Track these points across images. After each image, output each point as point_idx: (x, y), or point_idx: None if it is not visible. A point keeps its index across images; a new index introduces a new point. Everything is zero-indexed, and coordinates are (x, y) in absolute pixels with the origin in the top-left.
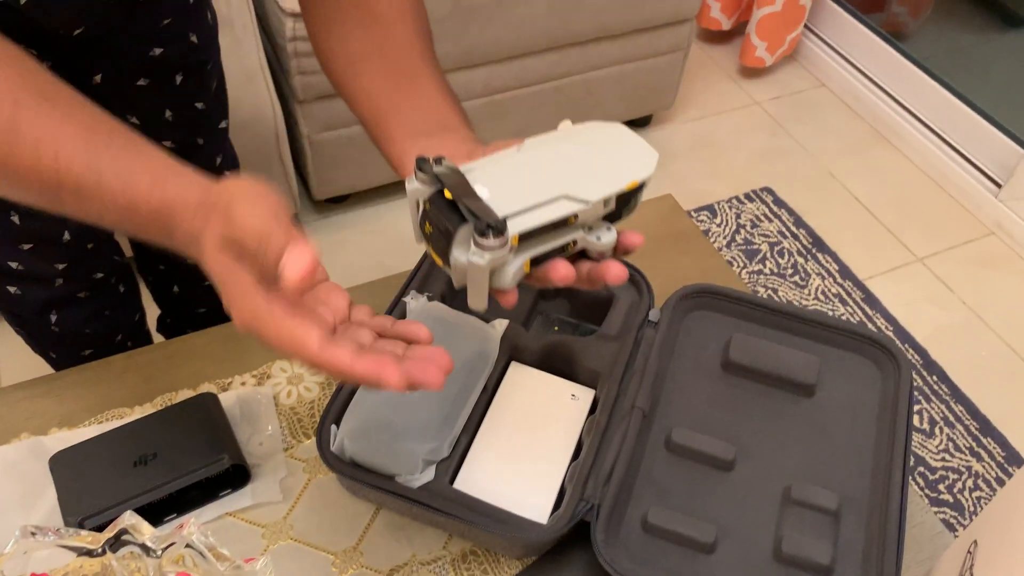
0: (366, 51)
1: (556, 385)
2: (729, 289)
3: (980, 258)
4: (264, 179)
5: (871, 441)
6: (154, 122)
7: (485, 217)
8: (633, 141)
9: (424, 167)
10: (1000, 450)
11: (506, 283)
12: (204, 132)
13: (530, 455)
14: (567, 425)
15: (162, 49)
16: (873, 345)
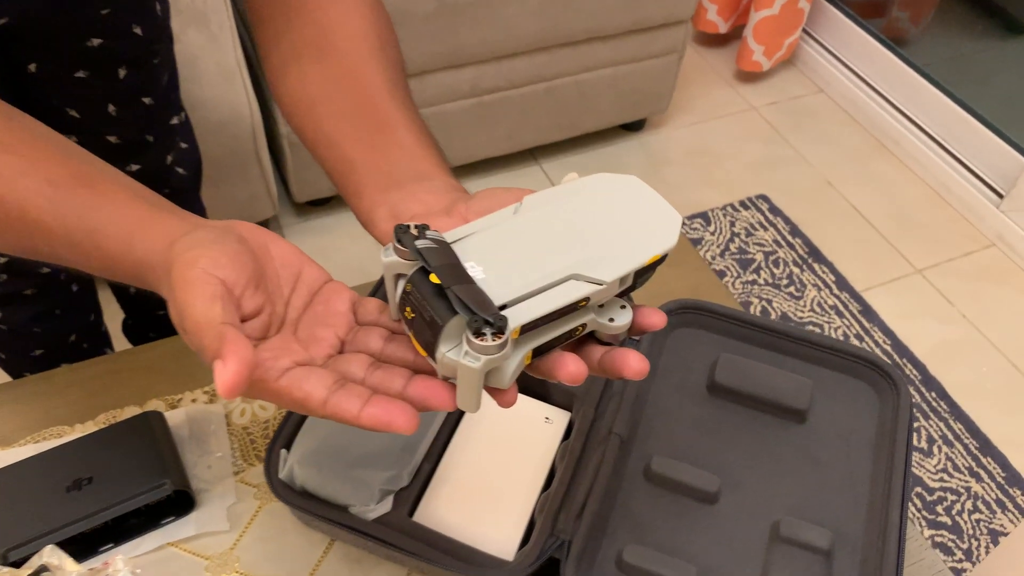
0: (326, 92)
1: (529, 407)
2: (717, 305)
3: (981, 271)
4: (241, 180)
5: (867, 472)
6: (96, 116)
7: (481, 311)
8: (652, 200)
9: (404, 238)
10: (1000, 471)
11: (504, 382)
12: (154, 129)
13: (498, 484)
14: (539, 451)
15: (102, 40)
16: (870, 367)
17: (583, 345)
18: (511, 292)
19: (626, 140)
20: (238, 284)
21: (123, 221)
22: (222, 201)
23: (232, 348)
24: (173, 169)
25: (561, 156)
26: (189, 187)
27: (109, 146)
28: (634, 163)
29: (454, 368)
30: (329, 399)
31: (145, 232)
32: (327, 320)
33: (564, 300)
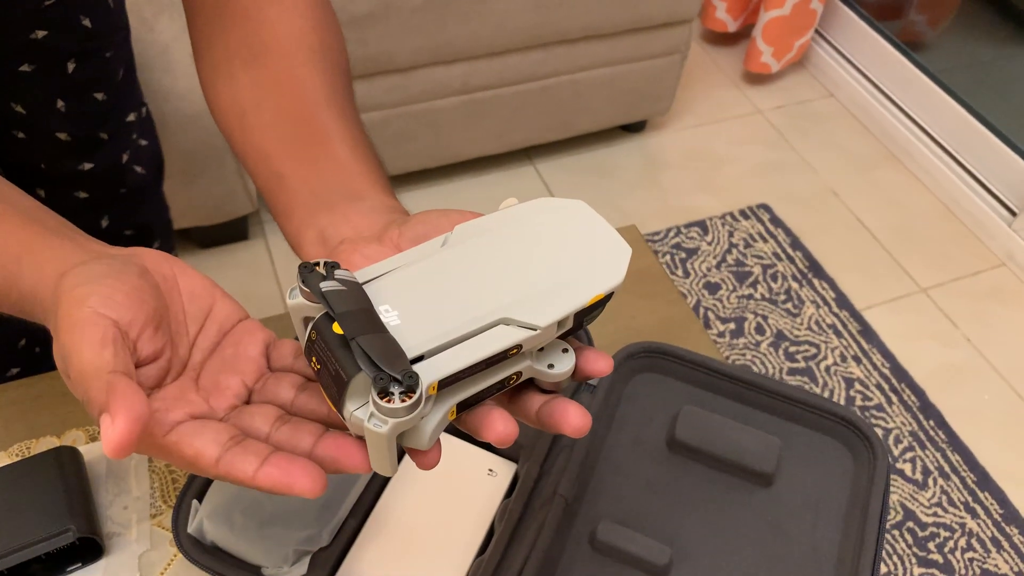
0: (257, 99)
1: (472, 456)
2: (683, 351)
3: (988, 291)
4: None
5: (835, 546)
6: (44, 112)
7: (388, 367)
8: (599, 230)
9: (308, 279)
10: (998, 507)
11: (423, 443)
12: (108, 125)
13: (429, 546)
14: (478, 508)
15: (46, 32)
16: (846, 426)
17: (521, 393)
18: (429, 341)
19: (624, 142)
20: (134, 325)
21: (10, 246)
22: (199, 198)
23: (122, 401)
24: (130, 167)
25: (556, 157)
26: (148, 185)
27: (59, 143)
28: (631, 166)
29: (362, 429)
30: (222, 457)
31: (34, 258)
32: (235, 365)
33: (491, 349)
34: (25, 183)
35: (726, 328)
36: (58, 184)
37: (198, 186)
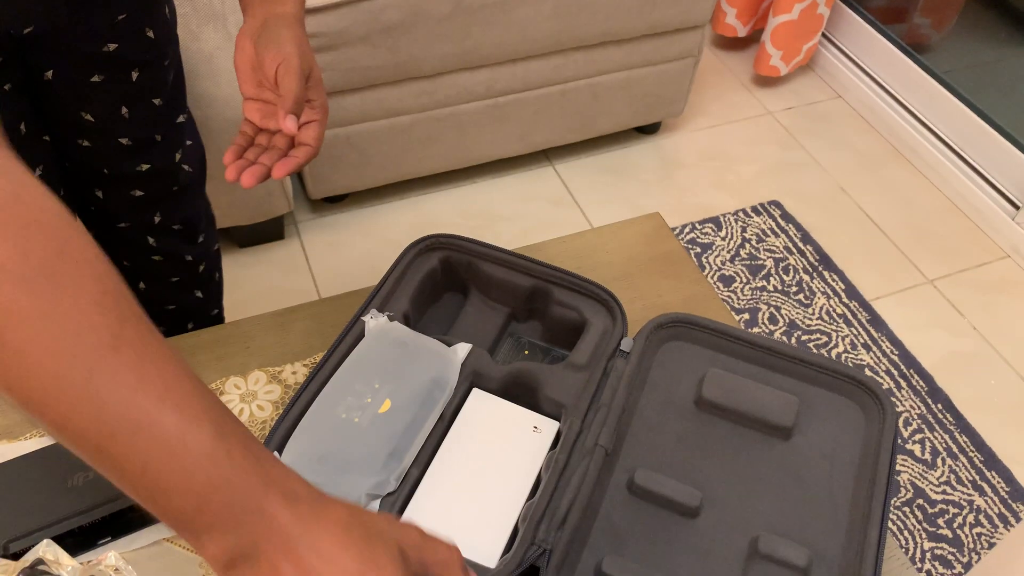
0: None
1: (518, 416)
2: (707, 320)
3: (994, 282)
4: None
5: (848, 492)
6: (109, 119)
7: None
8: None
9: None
10: (1004, 485)
11: None
12: (162, 128)
13: (484, 492)
14: (527, 460)
15: (117, 45)
16: (858, 386)
17: None
18: None
19: (640, 143)
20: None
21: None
22: (238, 197)
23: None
24: (181, 166)
25: (574, 157)
26: (196, 184)
27: (121, 147)
28: (646, 166)
29: None
30: None
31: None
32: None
33: None
34: (85, 185)
35: (740, 319)
36: (116, 185)
37: (238, 187)
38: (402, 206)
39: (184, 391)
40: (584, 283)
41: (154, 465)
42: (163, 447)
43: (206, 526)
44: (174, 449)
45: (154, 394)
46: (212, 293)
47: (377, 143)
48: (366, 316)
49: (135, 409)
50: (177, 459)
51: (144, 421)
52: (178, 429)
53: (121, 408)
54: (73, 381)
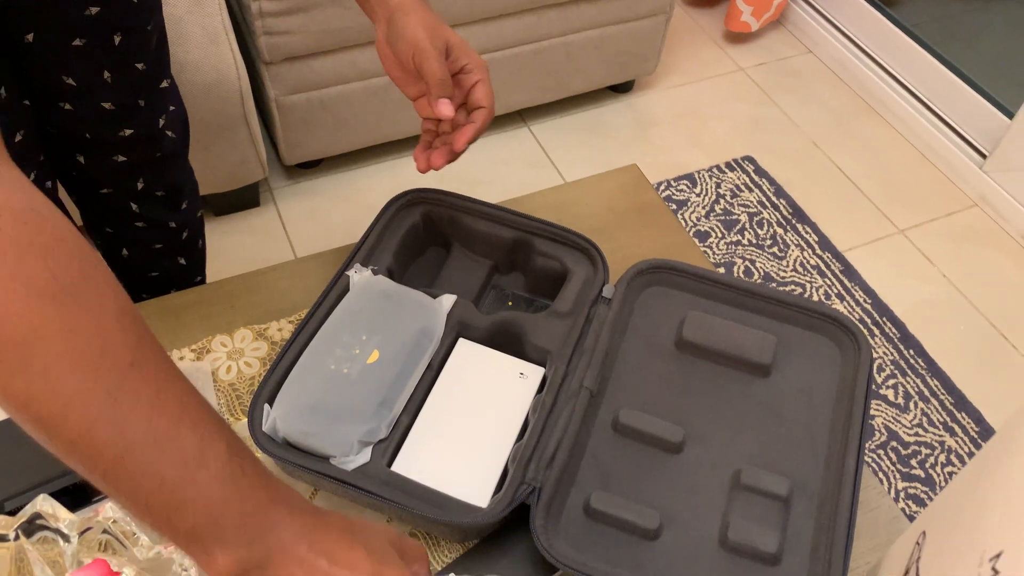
0: None
1: (504, 363)
2: (686, 265)
3: (963, 231)
4: (230, 143)
5: (826, 425)
6: (92, 83)
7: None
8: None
9: None
10: (974, 425)
11: None
12: (145, 93)
13: (473, 436)
14: (514, 405)
15: (99, 8)
16: (834, 324)
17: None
18: None
19: (614, 102)
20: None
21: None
22: (212, 165)
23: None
24: (164, 133)
25: (549, 118)
26: (179, 150)
27: (103, 112)
28: (621, 124)
29: None
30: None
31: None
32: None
33: None
34: (67, 150)
35: None
36: (99, 150)
37: (212, 154)
38: (378, 170)
39: (198, 410)
40: (565, 233)
41: (171, 481)
42: (181, 463)
43: (219, 540)
44: (191, 465)
45: (173, 411)
46: (195, 260)
47: (351, 106)
48: (350, 271)
49: (154, 425)
50: (194, 475)
51: (163, 437)
52: (196, 446)
53: (141, 424)
54: (95, 397)
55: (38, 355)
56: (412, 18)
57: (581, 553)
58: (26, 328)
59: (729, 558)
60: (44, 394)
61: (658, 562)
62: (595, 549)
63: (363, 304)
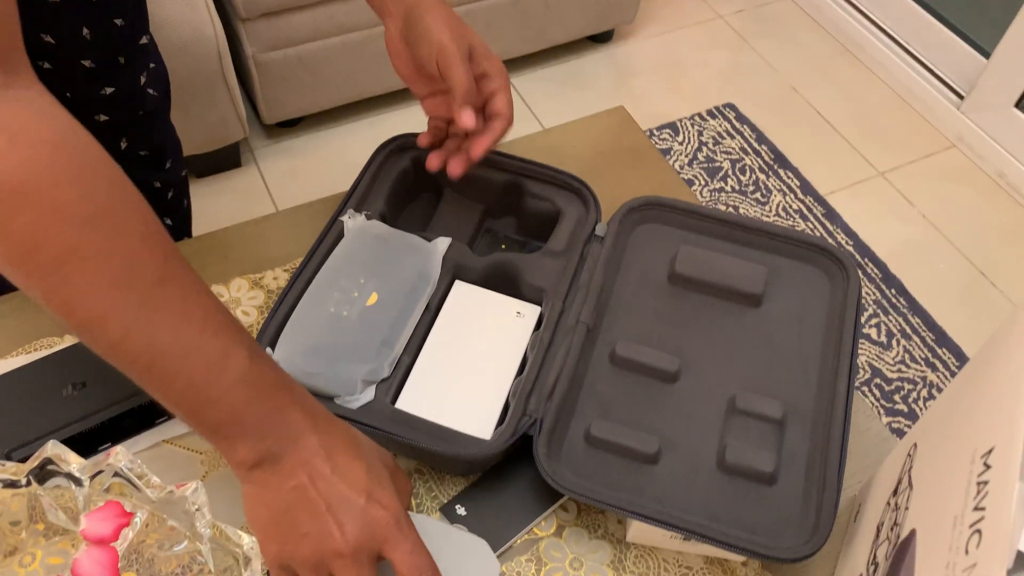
0: None
1: (501, 303)
2: (676, 201)
3: (941, 171)
4: (209, 103)
5: (817, 350)
6: (71, 41)
7: None
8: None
9: None
10: (955, 360)
11: None
12: (124, 50)
13: (474, 373)
14: (512, 342)
15: None
16: (821, 254)
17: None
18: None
19: (594, 52)
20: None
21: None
22: (192, 124)
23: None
24: (145, 90)
25: (530, 70)
26: (161, 108)
27: (83, 70)
28: (602, 74)
29: None
30: None
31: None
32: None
33: None
34: None
35: None
36: (81, 110)
37: (191, 113)
38: (358, 127)
39: (221, 319)
40: (557, 174)
41: (198, 382)
42: (207, 367)
43: (240, 434)
44: (216, 369)
45: (198, 322)
46: (181, 220)
47: (329, 62)
48: (344, 216)
49: (182, 335)
50: (219, 377)
51: (190, 345)
52: (220, 352)
53: (170, 334)
54: (127, 310)
55: (75, 274)
56: (435, 17)
57: (584, 479)
58: (64, 250)
59: (727, 479)
60: (84, 307)
61: (659, 484)
62: (597, 475)
63: (359, 248)
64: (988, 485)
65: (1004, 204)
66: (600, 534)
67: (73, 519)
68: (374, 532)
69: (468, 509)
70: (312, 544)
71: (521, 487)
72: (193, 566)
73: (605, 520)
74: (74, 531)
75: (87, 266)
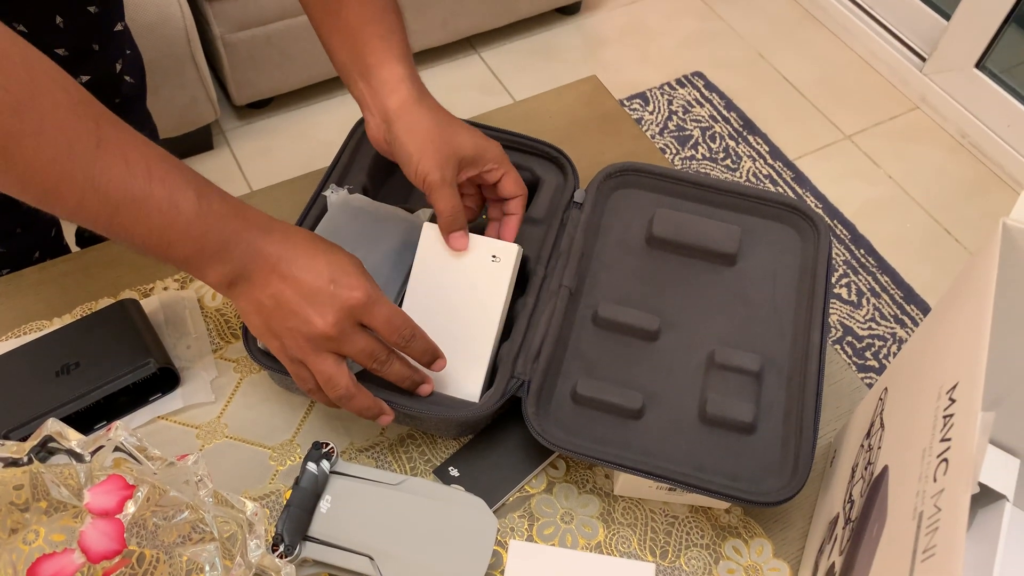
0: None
1: (476, 244)
2: (652, 166)
3: (905, 132)
4: (178, 85)
5: (791, 305)
6: (44, 29)
7: (287, 533)
8: (486, 537)
9: (310, 453)
10: (922, 315)
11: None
12: (99, 37)
13: (458, 334)
14: (490, 294)
15: None
16: (793, 212)
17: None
18: (327, 536)
19: (562, 24)
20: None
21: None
22: (162, 108)
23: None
24: (122, 77)
25: (499, 44)
26: (138, 95)
27: (58, 59)
28: (571, 46)
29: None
30: None
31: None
32: None
33: (348, 566)
34: None
35: None
36: None
37: (161, 96)
38: (330, 106)
39: (164, 168)
40: (534, 143)
41: (157, 227)
42: (160, 213)
43: (207, 261)
44: (168, 213)
45: (141, 175)
46: None
47: (298, 41)
48: (327, 191)
49: (130, 189)
50: (173, 219)
51: (140, 197)
52: (168, 198)
53: (119, 191)
54: (75, 177)
55: (18, 155)
56: (414, 137)
57: (572, 436)
58: (1, 138)
59: (709, 430)
60: (34, 183)
61: (644, 438)
62: (584, 432)
63: (343, 222)
64: (953, 418)
65: (966, 162)
66: (589, 488)
67: (76, 494)
68: (349, 309)
69: (461, 470)
70: (301, 334)
71: (511, 447)
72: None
73: (593, 475)
74: (78, 506)
75: (26, 147)
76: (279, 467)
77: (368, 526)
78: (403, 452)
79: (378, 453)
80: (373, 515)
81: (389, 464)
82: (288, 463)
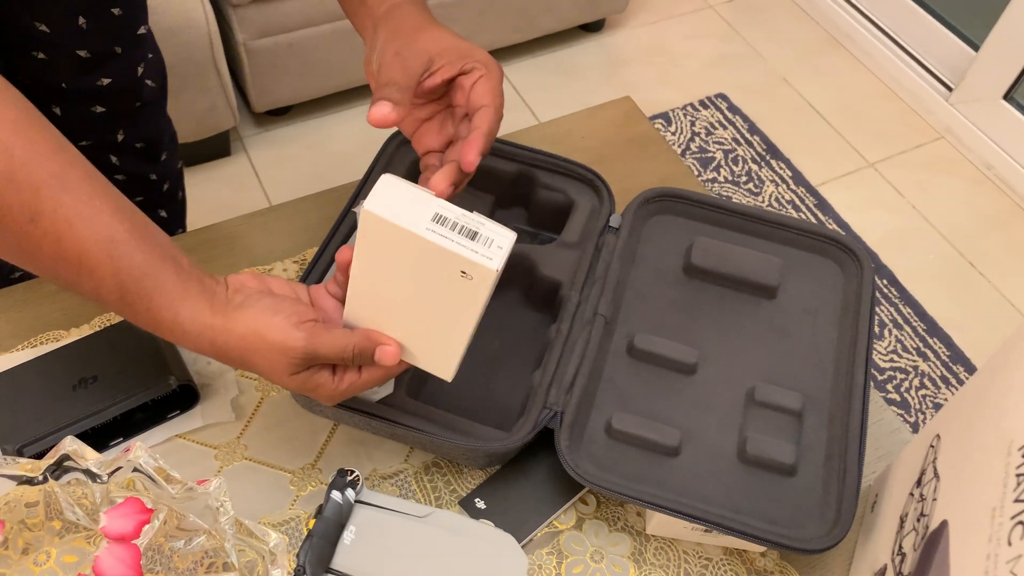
0: None
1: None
2: (691, 192)
3: (930, 162)
4: (199, 90)
5: (833, 341)
6: (66, 31)
7: (309, 566)
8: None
9: (335, 480)
10: (945, 350)
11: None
12: (122, 39)
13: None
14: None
15: None
16: (835, 245)
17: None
18: (349, 565)
19: (585, 41)
20: None
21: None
22: (181, 113)
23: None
24: (143, 82)
25: (521, 59)
26: (158, 100)
27: (79, 60)
28: (593, 64)
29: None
30: None
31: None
32: None
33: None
34: (41, 101)
35: None
36: (76, 101)
37: (181, 101)
38: (349, 116)
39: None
40: (569, 164)
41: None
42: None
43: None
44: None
45: (72, 261)
46: (176, 212)
47: (320, 50)
48: (356, 208)
49: (60, 273)
50: (110, 305)
51: (71, 283)
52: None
53: (48, 271)
54: (9, 250)
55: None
56: (397, 32)
57: (606, 472)
58: None
59: (748, 471)
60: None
61: (680, 476)
62: (618, 468)
63: None
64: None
65: (991, 195)
66: (620, 526)
67: (90, 515)
68: (296, 368)
69: (488, 502)
70: (273, 377)
71: (539, 479)
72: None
73: (624, 512)
74: (92, 528)
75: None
76: (299, 492)
77: (393, 560)
78: (428, 481)
79: (402, 481)
80: (398, 548)
81: (414, 493)
82: (309, 488)
